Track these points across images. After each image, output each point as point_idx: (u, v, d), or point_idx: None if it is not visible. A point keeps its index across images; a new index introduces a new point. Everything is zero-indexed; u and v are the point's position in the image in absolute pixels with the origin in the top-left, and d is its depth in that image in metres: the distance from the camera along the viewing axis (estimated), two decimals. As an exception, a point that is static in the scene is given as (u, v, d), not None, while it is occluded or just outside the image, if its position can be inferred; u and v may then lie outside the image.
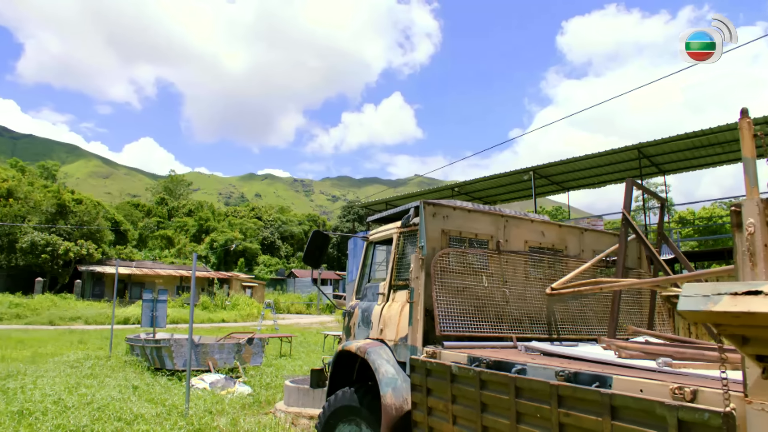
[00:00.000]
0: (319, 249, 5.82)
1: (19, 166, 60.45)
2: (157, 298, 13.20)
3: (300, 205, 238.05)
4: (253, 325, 28.62)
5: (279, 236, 73.13)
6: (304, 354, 17.03)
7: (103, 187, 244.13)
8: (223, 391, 9.99)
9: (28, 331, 24.36)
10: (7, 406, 8.00)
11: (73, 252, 39.37)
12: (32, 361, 13.69)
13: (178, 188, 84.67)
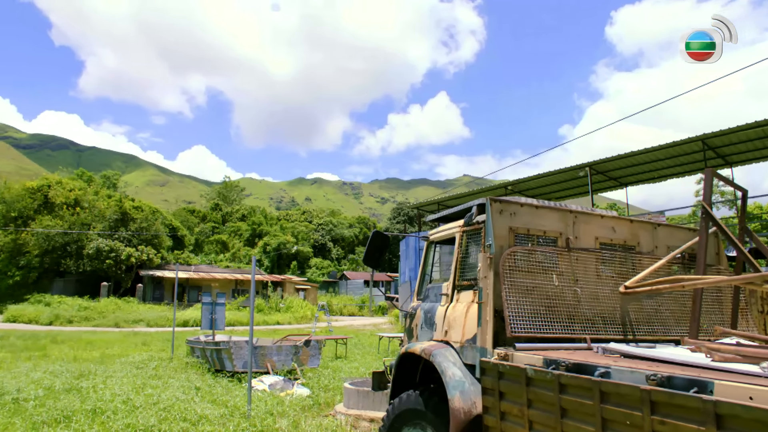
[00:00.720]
0: (379, 249, 5.74)
1: (85, 176, 63.34)
2: (216, 301, 13.46)
3: (349, 208, 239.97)
4: (308, 328, 28.93)
5: (330, 239, 73.85)
6: (359, 356, 17.02)
7: (160, 195, 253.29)
8: (282, 392, 10.05)
9: (96, 333, 25.39)
10: (81, 405, 8.30)
11: (134, 257, 40.88)
12: (101, 362, 14.20)
13: (231, 194, 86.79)
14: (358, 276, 63.13)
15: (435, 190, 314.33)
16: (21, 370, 12.12)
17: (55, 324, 30.43)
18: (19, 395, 9.01)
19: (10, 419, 7.55)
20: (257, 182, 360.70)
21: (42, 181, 47.21)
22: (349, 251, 77.00)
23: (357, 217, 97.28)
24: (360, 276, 62.83)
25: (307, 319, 36.58)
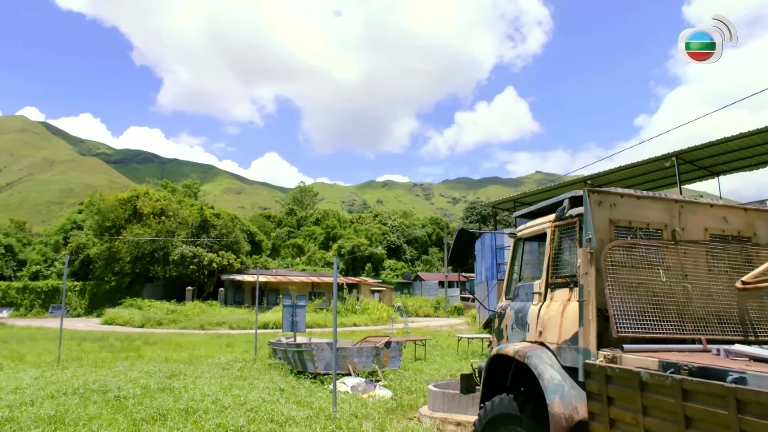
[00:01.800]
0: (465, 247, 5.54)
1: (168, 187, 66.79)
2: (296, 303, 13.66)
3: (421, 209, 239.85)
4: (384, 329, 28.98)
5: (404, 240, 74.01)
6: (438, 357, 16.82)
7: (237, 202, 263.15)
8: (365, 394, 10.02)
9: (184, 334, 26.58)
10: (175, 404, 8.61)
11: (215, 262, 42.59)
12: (190, 363, 14.77)
13: (305, 198, 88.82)
14: (433, 277, 62.81)
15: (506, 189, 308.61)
16: (120, 369, 12.81)
17: (146, 326, 32.16)
18: (120, 393, 9.49)
19: (114, 415, 7.93)
20: (329, 186, 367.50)
21: (131, 193, 50.22)
22: (422, 252, 76.79)
23: (429, 217, 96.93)
24: (434, 277, 62.50)
25: (383, 320, 36.70)
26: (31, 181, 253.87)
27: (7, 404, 8.58)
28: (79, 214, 58.81)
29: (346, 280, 48.52)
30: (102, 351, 17.80)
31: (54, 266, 52.16)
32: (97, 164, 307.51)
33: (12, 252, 55.72)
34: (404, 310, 29.95)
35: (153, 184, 70.79)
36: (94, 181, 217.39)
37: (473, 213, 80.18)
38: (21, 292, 45.43)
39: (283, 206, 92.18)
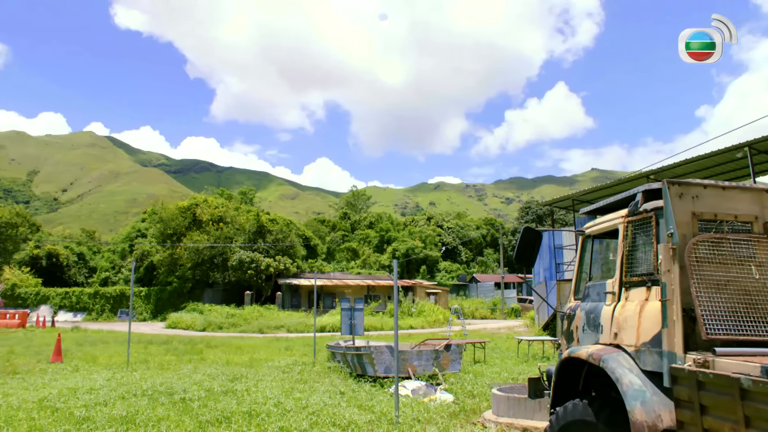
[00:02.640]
0: (531, 246, 5.31)
1: (225, 194, 68.68)
2: (354, 306, 13.65)
3: (474, 210, 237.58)
4: (441, 331, 28.71)
5: (459, 242, 73.37)
6: (498, 360, 16.45)
7: (292, 208, 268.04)
8: (426, 398, 9.87)
9: (243, 338, 27.15)
10: (238, 407, 8.73)
11: (272, 267, 43.38)
12: (250, 366, 15.01)
13: (358, 202, 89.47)
14: (488, 278, 61.94)
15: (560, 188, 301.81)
16: (184, 372, 13.14)
17: (207, 330, 33.05)
18: (185, 395, 9.71)
19: (181, 417, 8.10)
20: (381, 190, 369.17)
21: (190, 201, 51.89)
22: (477, 253, 75.90)
23: (483, 218, 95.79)
24: (490, 278, 61.62)
25: (439, 323, 36.40)
26: (99, 192, 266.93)
27: (84, 404, 8.93)
28: (143, 223, 61.29)
29: (401, 282, 48.45)
30: (167, 354, 18.35)
31: (121, 273, 54.50)
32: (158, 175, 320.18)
33: (84, 260, 58.60)
34: (461, 313, 29.60)
35: (211, 192, 72.96)
36: (156, 190, 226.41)
37: (528, 213, 78.61)
38: (92, 298, 47.66)
39: (337, 210, 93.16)
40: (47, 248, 54.33)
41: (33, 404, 9.06)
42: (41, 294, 47.25)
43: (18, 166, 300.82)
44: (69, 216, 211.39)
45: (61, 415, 8.21)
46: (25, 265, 51.05)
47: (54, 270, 53.12)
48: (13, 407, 8.86)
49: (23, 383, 11.62)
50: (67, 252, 56.19)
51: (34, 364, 15.11)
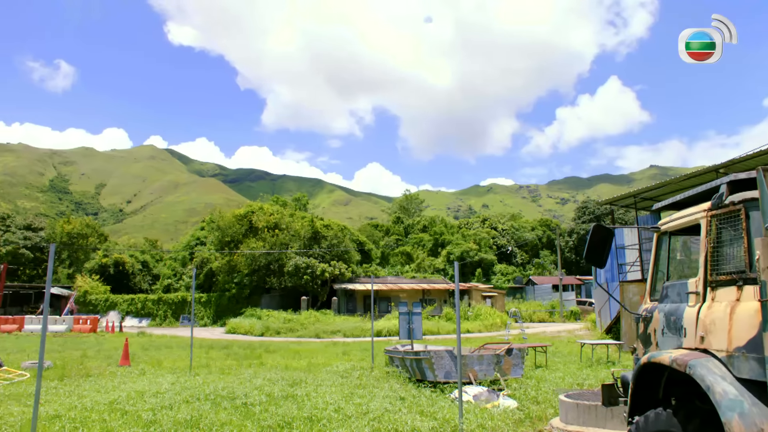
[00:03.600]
0: (602, 245, 5.02)
1: (280, 201, 69.96)
2: (412, 311, 13.49)
3: (528, 212, 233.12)
4: (499, 335, 28.16)
5: (515, 244, 72.02)
6: (561, 365, 15.91)
7: (345, 213, 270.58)
8: (488, 404, 9.60)
9: (301, 343, 27.42)
10: (299, 412, 8.72)
11: (328, 272, 43.75)
12: (309, 370, 15.08)
13: (411, 206, 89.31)
14: (546, 280, 60.46)
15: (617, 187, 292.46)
16: (245, 377, 13.31)
17: (265, 335, 33.60)
18: (247, 400, 9.80)
19: (243, 422, 8.16)
20: (433, 193, 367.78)
21: (247, 209, 53.12)
22: (533, 255, 74.27)
23: (538, 220, 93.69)
24: (547, 280, 60.12)
25: (497, 326, 35.75)
26: (160, 203, 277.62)
27: (151, 407, 9.15)
28: (202, 231, 63.18)
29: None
30: (227, 358, 18.71)
31: (182, 279, 56.30)
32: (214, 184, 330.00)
33: (147, 268, 60.92)
34: (519, 316, 28.94)
35: (266, 199, 74.52)
36: (213, 200, 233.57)
37: (585, 212, 76.42)
38: (156, 304, 49.45)
39: (390, 215, 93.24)
40: (114, 257, 56.79)
41: (104, 406, 9.36)
42: (110, 300, 49.39)
43: (87, 180, 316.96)
44: (133, 226, 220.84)
45: (130, 418, 8.43)
46: (95, 273, 53.51)
47: (121, 277, 55.45)
48: (87, 408, 9.20)
49: (95, 385, 12.07)
50: (132, 260, 58.54)
51: (105, 368, 15.70)
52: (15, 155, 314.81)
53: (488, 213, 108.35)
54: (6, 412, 9.19)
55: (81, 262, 65.09)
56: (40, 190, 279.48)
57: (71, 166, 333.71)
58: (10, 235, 64.89)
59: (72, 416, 8.58)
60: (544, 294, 56.94)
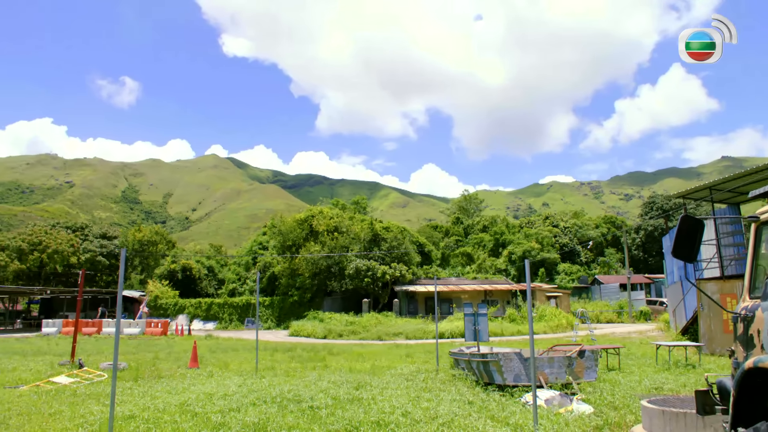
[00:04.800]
0: (691, 238, 4.60)
1: (339, 205, 70.64)
2: (477, 312, 13.12)
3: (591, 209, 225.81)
4: (566, 337, 27.24)
5: (578, 242, 69.76)
6: (635, 367, 15.11)
7: (403, 215, 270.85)
8: (561, 409, 9.15)
9: (363, 345, 27.42)
10: (365, 416, 8.57)
11: (388, 274, 43.69)
12: (373, 373, 14.96)
13: (470, 206, 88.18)
14: (612, 279, 58.19)
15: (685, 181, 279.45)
16: (310, 379, 13.33)
17: (328, 337, 33.85)
18: (313, 403, 9.75)
19: (310, 426, 8.09)
20: (491, 193, 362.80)
21: (307, 213, 53.88)
22: (598, 254, 71.73)
23: (602, 217, 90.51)
24: (614, 279, 57.85)
25: (562, 327, 34.64)
26: (224, 210, 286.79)
27: (219, 409, 9.25)
28: (264, 236, 64.60)
29: (519, 286, 46.86)
30: (292, 361, 18.87)
31: (246, 284, 57.69)
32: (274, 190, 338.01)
33: (213, 273, 62.85)
34: (587, 316, 27.88)
35: (325, 203, 75.42)
36: (274, 205, 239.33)
37: (652, 208, 73.19)
38: (221, 307, 50.83)
39: (449, 216, 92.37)
40: (182, 263, 58.87)
41: (175, 408, 9.54)
42: (178, 304, 51.21)
43: (155, 190, 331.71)
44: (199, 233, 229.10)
45: (200, 420, 8.53)
46: (164, 278, 55.65)
47: (188, 282, 57.41)
48: (159, 410, 9.40)
49: (167, 387, 12.38)
50: (198, 266, 60.54)
51: (175, 369, 16.14)
52: (91, 169, 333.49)
53: (549, 211, 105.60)
54: (87, 411, 9.54)
55: (151, 268, 67.98)
56: (114, 201, 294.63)
57: (140, 177, 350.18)
58: (88, 244, 68.51)
59: (146, 417, 8.79)
60: (611, 293, 54.82)
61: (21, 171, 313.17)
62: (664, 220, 45.13)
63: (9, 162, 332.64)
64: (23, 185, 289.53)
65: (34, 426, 8.38)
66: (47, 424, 8.54)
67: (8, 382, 13.75)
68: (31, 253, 60.42)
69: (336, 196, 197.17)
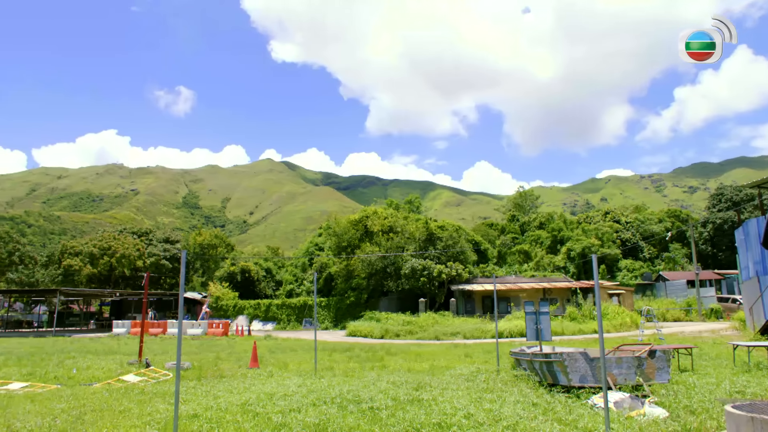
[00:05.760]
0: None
1: (393, 204, 70.66)
2: (539, 310, 12.70)
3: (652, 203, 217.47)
4: (631, 336, 26.18)
5: (640, 237, 67.09)
6: (710, 369, 14.24)
7: (458, 214, 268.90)
8: (632, 412, 8.67)
9: (421, 345, 27.22)
10: (427, 417, 8.37)
11: (444, 273, 43.30)
12: (431, 373, 14.74)
13: (525, 203, 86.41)
14: (678, 276, 55.60)
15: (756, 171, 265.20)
16: (368, 380, 13.24)
17: (385, 337, 33.82)
18: (372, 404, 9.63)
19: (371, 427, 7.96)
20: (546, 189, 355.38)
21: (361, 214, 54.11)
22: (662, 249, 68.77)
23: (665, 210, 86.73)
24: (680, 276, 55.26)
25: (626, 326, 33.33)
26: (279, 213, 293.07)
27: (280, 410, 9.27)
28: (320, 238, 65.37)
29: (579, 284, 45.48)
30: (350, 361, 18.88)
31: (303, 284, 58.57)
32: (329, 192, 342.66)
33: (271, 274, 64.14)
34: (654, 314, 26.68)
35: (379, 204, 75.60)
36: (328, 207, 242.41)
37: (721, 200, 69.53)
38: (280, 308, 51.74)
39: (504, 213, 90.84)
40: (241, 265, 60.37)
41: (237, 407, 9.63)
42: (238, 306, 52.49)
43: (214, 195, 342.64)
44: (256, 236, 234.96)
45: (261, 420, 8.56)
46: (224, 280, 57.21)
47: (247, 284, 58.78)
48: (221, 409, 9.52)
49: (228, 386, 12.58)
50: (257, 268, 61.90)
51: (236, 369, 16.44)
52: (154, 176, 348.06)
53: (608, 206, 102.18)
54: (153, 409, 9.79)
55: (212, 270, 70.07)
56: (176, 207, 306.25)
57: (200, 183, 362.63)
58: (153, 248, 71.31)
59: (209, 416, 8.91)
60: (677, 290, 52.40)
61: (91, 181, 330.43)
62: (735, 213, 42.65)
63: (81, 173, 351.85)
64: (94, 194, 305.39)
65: (106, 422, 8.64)
66: (117, 421, 8.79)
67: (84, 380, 14.42)
68: (101, 258, 63.41)
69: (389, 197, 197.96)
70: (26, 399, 11.14)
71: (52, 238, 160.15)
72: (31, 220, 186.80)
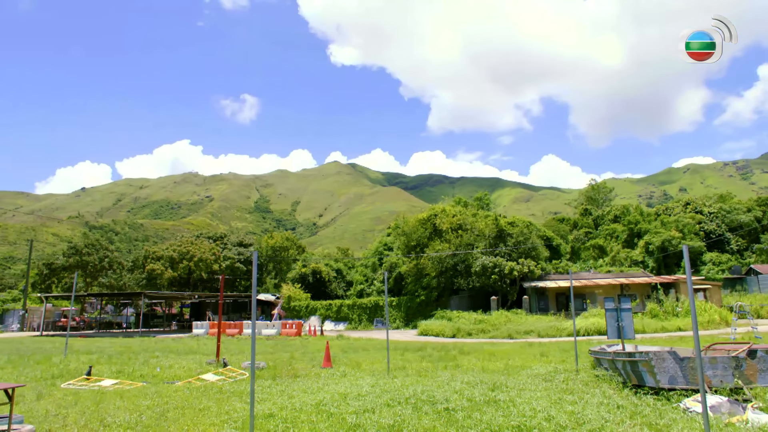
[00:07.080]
0: None
1: (462, 202, 69.82)
2: (620, 307, 12.02)
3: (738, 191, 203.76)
4: (722, 334, 24.51)
5: (726, 228, 62.91)
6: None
7: (527, 210, 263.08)
8: (733, 418, 7.98)
9: (494, 344, 26.61)
10: (505, 420, 8.07)
11: (516, 270, 42.27)
12: (507, 373, 14.29)
13: (598, 196, 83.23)
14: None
15: None
16: (442, 379, 13.00)
17: (457, 336, 33.35)
18: (448, 405, 9.40)
19: (447, 429, 7.75)
20: (619, 181, 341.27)
21: (429, 212, 53.76)
22: (752, 240, 64.22)
23: (754, 199, 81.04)
24: (775, 269, 51.49)
25: (715, 323, 31.28)
26: (348, 214, 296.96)
27: (354, 410, 9.21)
28: (388, 237, 65.53)
29: (659, 279, 43.17)
30: (423, 361, 18.66)
31: (373, 284, 58.90)
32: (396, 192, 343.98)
33: (341, 275, 64.97)
34: (748, 311, 24.85)
35: (447, 201, 74.90)
36: (396, 207, 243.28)
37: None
38: (351, 308, 52.27)
39: (576, 207, 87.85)
40: (312, 266, 61.48)
41: (311, 407, 9.66)
42: (310, 306, 53.46)
43: (284, 199, 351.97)
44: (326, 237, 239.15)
45: (335, 420, 8.51)
46: (296, 281, 58.45)
47: (318, 285, 59.80)
48: (296, 409, 9.57)
49: (302, 386, 12.69)
50: (327, 269, 62.84)
51: (310, 369, 16.60)
52: (227, 183, 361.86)
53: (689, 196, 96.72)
54: (231, 407, 9.98)
55: (284, 272, 71.80)
56: (248, 211, 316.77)
57: (270, 188, 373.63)
58: (227, 252, 73.88)
59: (284, 416, 8.96)
60: (773, 284, 48.81)
61: (170, 189, 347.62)
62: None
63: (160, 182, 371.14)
64: (172, 202, 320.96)
65: (187, 420, 8.87)
66: (197, 418, 9.01)
67: (167, 378, 15.00)
68: (180, 262, 66.30)
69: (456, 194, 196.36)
70: (116, 395, 11.68)
71: (137, 245, 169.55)
72: (118, 228, 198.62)
